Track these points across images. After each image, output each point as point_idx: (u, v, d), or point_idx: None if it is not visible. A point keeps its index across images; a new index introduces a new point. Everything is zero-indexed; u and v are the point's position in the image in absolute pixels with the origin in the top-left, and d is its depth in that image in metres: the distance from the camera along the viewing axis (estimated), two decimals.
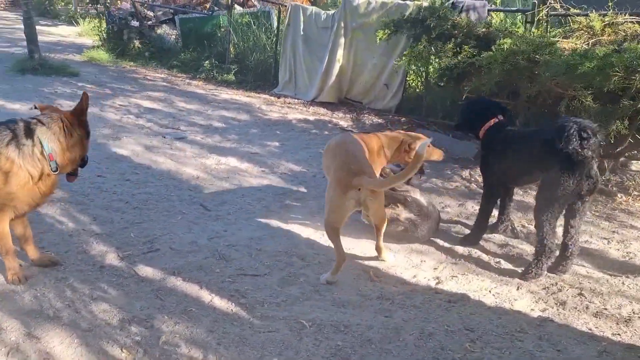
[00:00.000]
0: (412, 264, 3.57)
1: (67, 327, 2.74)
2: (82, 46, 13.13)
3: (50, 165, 2.96)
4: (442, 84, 5.00)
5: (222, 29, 10.12)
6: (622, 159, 4.90)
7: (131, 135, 6.28)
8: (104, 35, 12.10)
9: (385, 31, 5.14)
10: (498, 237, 3.97)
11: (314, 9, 8.36)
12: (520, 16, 6.97)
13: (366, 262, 3.55)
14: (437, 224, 3.91)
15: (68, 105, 7.50)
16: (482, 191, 3.98)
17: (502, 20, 6.70)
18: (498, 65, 3.96)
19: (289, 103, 8.30)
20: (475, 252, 3.74)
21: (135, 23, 11.24)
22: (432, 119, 6.98)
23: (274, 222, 4.10)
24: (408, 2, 6.94)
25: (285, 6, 8.95)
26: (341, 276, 3.33)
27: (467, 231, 4.00)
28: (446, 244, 3.87)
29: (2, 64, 10.08)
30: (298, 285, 3.25)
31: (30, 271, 3.21)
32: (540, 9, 5.67)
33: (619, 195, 4.71)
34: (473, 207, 4.52)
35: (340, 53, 7.68)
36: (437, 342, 2.74)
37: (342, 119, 7.45)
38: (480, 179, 4.75)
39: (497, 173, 3.68)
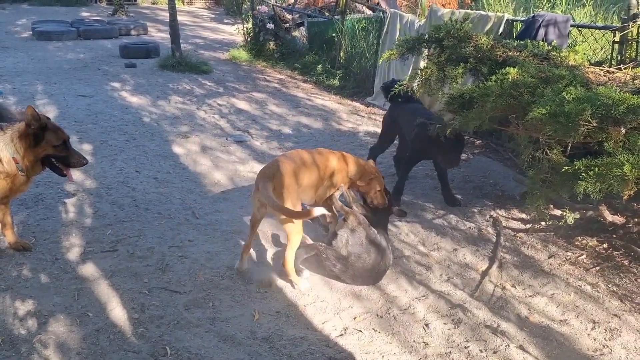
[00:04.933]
0: (336, 308, 3.30)
1: None
2: (235, 45, 14.33)
3: (17, 167, 3.44)
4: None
5: (333, 34, 10.20)
6: None
7: (201, 134, 6.74)
8: (247, 35, 13.03)
9: (394, 52, 4.68)
10: (475, 304, 3.45)
11: (410, 16, 7.96)
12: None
13: (293, 298, 3.39)
14: (369, 273, 3.50)
15: (175, 100, 8.38)
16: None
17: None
18: (494, 98, 3.36)
19: (373, 113, 8.08)
20: (413, 308, 3.31)
21: (270, 25, 11.90)
22: (511, 145, 6.20)
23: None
24: (490, 14, 6.24)
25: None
26: (257, 307, 3.26)
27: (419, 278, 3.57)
28: (395, 292, 3.49)
29: (157, 60, 11.46)
30: (203, 310, 3.25)
31: (5, 253, 3.74)
32: (632, 25, 4.66)
33: None
34: (465, 256, 3.96)
35: (422, 64, 7.20)
36: None
37: None
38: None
39: None
